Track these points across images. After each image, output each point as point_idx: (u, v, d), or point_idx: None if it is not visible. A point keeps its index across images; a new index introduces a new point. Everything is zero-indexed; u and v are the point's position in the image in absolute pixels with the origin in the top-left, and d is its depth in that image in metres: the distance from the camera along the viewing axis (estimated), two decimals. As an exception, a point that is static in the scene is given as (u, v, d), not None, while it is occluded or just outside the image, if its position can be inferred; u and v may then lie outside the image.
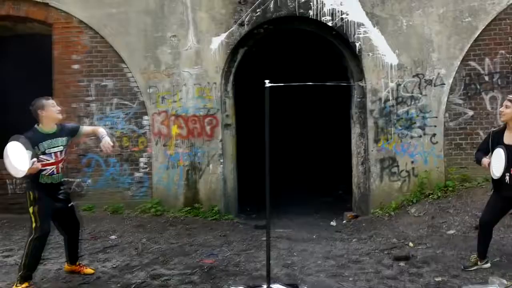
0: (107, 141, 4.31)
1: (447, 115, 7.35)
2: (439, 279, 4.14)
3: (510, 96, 4.31)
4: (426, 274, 4.32)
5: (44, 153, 4.03)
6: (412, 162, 7.34)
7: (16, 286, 3.88)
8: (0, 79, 8.68)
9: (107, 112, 7.68)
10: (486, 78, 7.31)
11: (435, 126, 7.32)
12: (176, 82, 7.59)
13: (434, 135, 7.31)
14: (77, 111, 7.63)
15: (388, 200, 7.31)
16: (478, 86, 7.34)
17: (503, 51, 7.27)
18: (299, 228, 7.05)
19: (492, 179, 4.24)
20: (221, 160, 7.63)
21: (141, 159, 7.69)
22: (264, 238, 5.22)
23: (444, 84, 7.33)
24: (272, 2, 7.49)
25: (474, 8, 7.28)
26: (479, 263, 4.35)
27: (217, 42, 7.53)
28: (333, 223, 7.43)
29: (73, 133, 4.37)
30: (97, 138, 4.72)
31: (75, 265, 4.57)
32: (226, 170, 7.72)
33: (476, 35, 7.28)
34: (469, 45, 7.28)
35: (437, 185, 7.16)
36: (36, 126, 4.12)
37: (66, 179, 4.71)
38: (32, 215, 3.99)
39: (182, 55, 7.58)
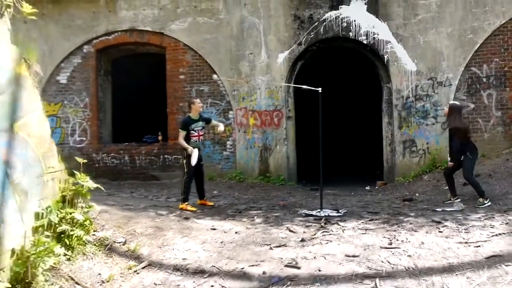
0: (221, 127, 7.39)
1: (454, 108, 9.81)
2: (425, 207, 6.83)
3: (450, 102, 7.05)
4: (419, 206, 7.01)
5: (193, 130, 7.12)
6: (427, 143, 9.91)
7: (181, 204, 6.96)
8: (124, 86, 12.06)
9: (204, 109, 10.76)
10: (484, 79, 9.74)
11: (445, 116, 9.81)
12: (253, 86, 10.56)
13: (444, 123, 9.80)
14: (183, 108, 10.78)
15: (409, 171, 9.92)
16: (478, 86, 9.77)
17: (497, 59, 9.66)
18: (342, 190, 9.82)
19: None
20: (285, 143, 10.53)
21: (228, 142, 10.75)
22: (317, 194, 8.05)
23: (452, 84, 9.82)
24: (322, 27, 10.28)
25: (475, 27, 9.72)
26: (452, 199, 6.98)
27: (282, 57, 10.43)
28: (367, 187, 10.15)
29: (207, 121, 7.46)
30: (216, 127, 7.68)
31: (202, 200, 7.62)
32: (289, 150, 10.62)
33: (476, 48, 9.71)
34: (471, 55, 9.73)
35: (445, 159, 9.66)
36: (188, 114, 7.23)
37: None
38: (185, 165, 7.07)
39: (257, 67, 10.55)
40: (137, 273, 3.84)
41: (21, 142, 3.37)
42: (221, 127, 7.48)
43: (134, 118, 12.68)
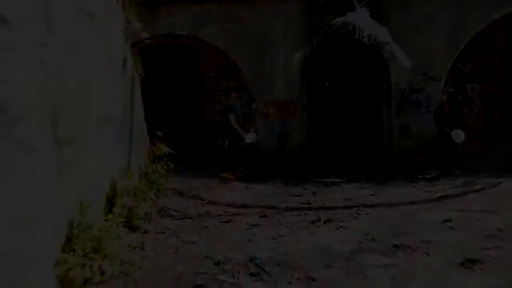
0: None
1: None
2: (411, 175, 8.68)
3: (449, 90, 8.76)
4: (407, 175, 8.87)
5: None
6: (420, 128, 11.70)
7: (223, 173, 8.94)
8: (160, 81, 14.05)
9: (231, 101, 12.69)
10: (469, 75, 11.48)
11: (442, 102, 11.57)
12: (272, 81, 12.46)
13: (440, 107, 11.54)
14: (213, 100, 12.75)
15: (404, 152, 11.73)
16: (463, 80, 11.52)
17: (479, 57, 11.39)
18: (347, 168, 11.69)
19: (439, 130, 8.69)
20: (300, 129, 12.42)
21: (251, 129, 12.65)
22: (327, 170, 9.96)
23: (441, 79, 11.59)
24: (331, 30, 12.12)
25: (460, 32, 11.46)
26: (434, 169, 8.81)
27: (297, 57, 12.30)
28: (369, 167, 12.00)
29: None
30: None
31: (234, 172, 9.58)
32: (303, 135, 12.52)
33: (462, 47, 11.44)
34: (457, 54, 11.47)
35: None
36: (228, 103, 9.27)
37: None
38: (231, 143, 9.09)
39: (275, 65, 12.44)
40: (203, 206, 5.82)
41: (134, 119, 5.34)
42: None
43: (169, 110, 14.68)
